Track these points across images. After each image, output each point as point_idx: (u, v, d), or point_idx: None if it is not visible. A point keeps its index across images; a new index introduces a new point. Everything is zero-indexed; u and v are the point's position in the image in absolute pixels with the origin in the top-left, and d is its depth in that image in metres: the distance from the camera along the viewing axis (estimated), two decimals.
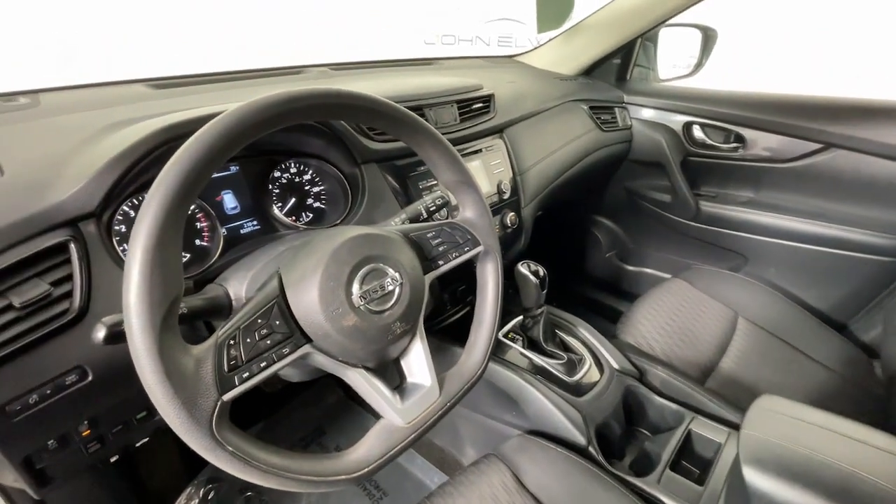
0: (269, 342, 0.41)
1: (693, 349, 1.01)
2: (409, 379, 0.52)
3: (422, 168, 0.86)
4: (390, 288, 0.48)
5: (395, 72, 1.21)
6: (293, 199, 0.76)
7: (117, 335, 0.38)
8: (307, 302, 0.43)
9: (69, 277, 0.49)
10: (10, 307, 0.45)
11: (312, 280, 0.44)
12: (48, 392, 0.48)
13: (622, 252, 1.74)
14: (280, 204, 0.74)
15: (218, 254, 0.66)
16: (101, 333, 0.39)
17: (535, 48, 1.53)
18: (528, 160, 1.10)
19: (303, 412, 1.32)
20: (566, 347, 0.94)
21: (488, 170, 0.98)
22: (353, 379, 0.48)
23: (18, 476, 0.50)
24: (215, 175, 0.69)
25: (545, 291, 0.85)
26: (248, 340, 0.40)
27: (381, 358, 0.49)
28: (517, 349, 0.91)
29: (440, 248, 0.56)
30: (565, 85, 1.38)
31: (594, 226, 1.75)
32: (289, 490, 0.41)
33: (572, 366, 0.88)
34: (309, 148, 0.77)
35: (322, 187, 0.79)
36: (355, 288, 0.45)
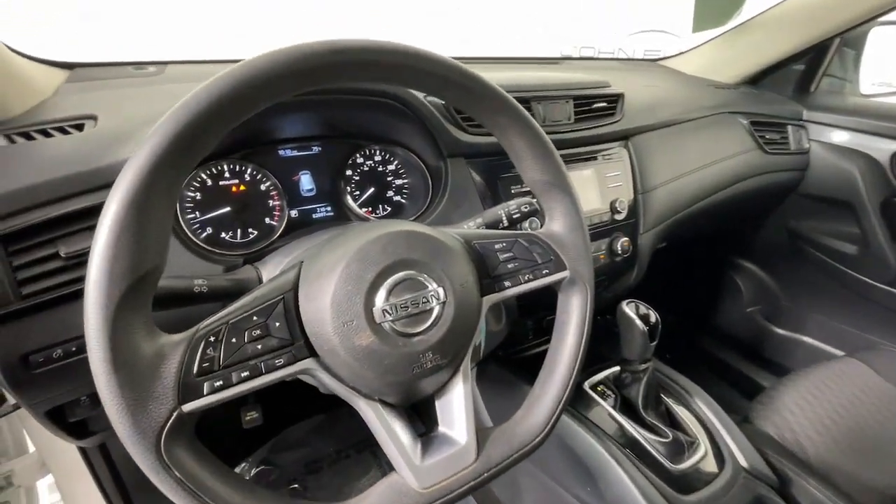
0: (259, 347, 0.32)
1: (871, 463, 0.76)
2: (441, 427, 0.40)
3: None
4: (428, 306, 0.36)
5: (517, 67, 1.12)
6: (372, 189, 0.70)
7: None
8: (318, 306, 0.34)
9: None
10: (55, 256, 0.45)
11: (329, 279, 0.35)
12: (73, 349, 0.46)
13: (771, 309, 1.42)
14: (357, 192, 0.69)
15: (278, 235, 0.63)
16: None
17: (686, 51, 1.30)
18: (657, 177, 0.91)
19: None
20: (673, 421, 0.74)
21: (602, 182, 0.82)
22: (364, 412, 0.37)
23: (44, 424, 0.50)
24: (295, 154, 0.66)
25: (654, 343, 0.66)
26: (234, 340, 0.32)
27: (404, 393, 0.38)
28: (606, 408, 0.74)
29: (509, 266, 0.43)
30: (721, 94, 1.14)
31: (735, 270, 1.47)
32: None
33: (679, 448, 0.69)
34: (394, 134, 0.71)
35: (406, 180, 0.72)
36: (379, 298, 0.35)
